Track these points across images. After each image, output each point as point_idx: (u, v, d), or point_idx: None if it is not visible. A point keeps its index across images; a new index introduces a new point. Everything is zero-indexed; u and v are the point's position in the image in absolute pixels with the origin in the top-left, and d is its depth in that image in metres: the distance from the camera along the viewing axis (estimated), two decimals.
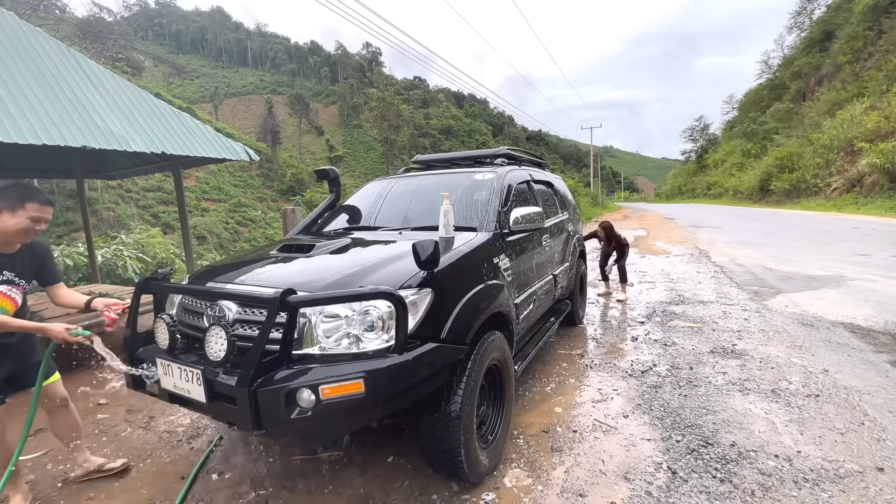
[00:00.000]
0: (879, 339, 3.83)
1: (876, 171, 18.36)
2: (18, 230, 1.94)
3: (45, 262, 2.20)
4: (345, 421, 1.72)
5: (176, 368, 1.75)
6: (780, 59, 49.74)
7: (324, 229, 3.25)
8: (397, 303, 1.64)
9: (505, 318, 2.44)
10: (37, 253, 2.16)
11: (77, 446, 2.34)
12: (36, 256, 2.15)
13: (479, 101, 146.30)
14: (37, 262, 2.15)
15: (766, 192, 30.17)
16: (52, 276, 2.23)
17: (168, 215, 28.93)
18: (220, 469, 2.40)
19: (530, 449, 2.46)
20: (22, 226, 1.94)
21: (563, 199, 4.58)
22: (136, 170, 6.87)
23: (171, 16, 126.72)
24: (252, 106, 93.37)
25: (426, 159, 4.11)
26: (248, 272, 2.21)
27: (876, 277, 5.96)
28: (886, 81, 24.49)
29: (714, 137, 64.16)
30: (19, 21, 4.75)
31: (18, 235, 1.97)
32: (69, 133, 4.10)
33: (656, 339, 4.18)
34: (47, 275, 2.21)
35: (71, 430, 2.30)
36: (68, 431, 2.30)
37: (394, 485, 2.18)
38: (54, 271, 2.26)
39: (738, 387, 3.09)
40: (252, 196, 43.66)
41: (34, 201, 1.96)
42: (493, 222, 2.70)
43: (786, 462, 2.21)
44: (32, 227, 1.97)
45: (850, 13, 34.10)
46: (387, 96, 65.82)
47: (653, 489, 2.06)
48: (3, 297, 1.98)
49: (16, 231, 1.94)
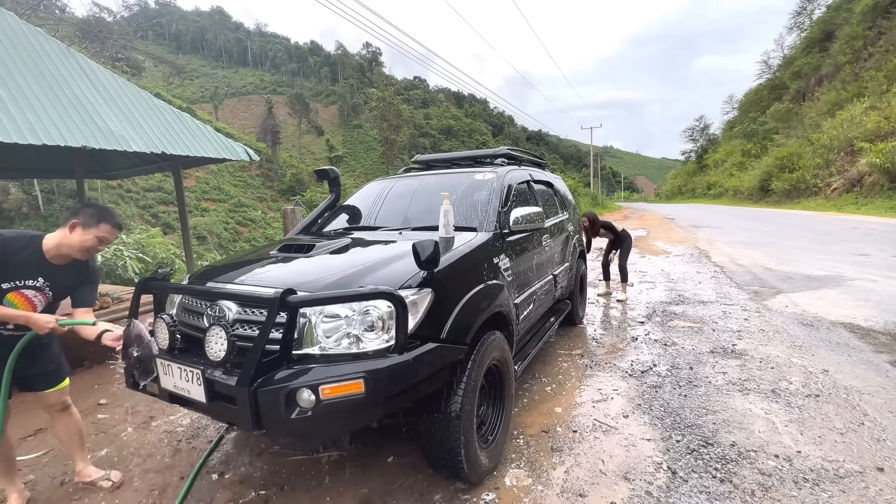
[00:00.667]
0: (879, 339, 3.83)
1: (876, 171, 18.36)
2: (83, 247, 1.99)
3: (85, 284, 2.17)
4: (345, 421, 1.72)
5: (176, 368, 1.75)
6: (780, 59, 49.81)
7: (324, 229, 3.25)
8: (397, 303, 1.64)
9: (505, 318, 2.44)
10: (84, 273, 2.15)
11: (76, 454, 2.32)
12: (81, 275, 2.14)
13: (479, 101, 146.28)
14: (78, 281, 2.14)
15: (766, 192, 30.17)
16: (84, 300, 2.18)
17: (168, 215, 28.91)
18: (220, 469, 2.40)
19: (530, 449, 2.46)
20: (88, 244, 1.99)
21: (563, 199, 4.58)
22: (136, 170, 6.87)
23: (171, 16, 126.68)
24: (252, 106, 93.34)
25: (426, 159, 4.11)
26: (248, 272, 2.21)
27: (876, 277, 5.96)
28: (886, 81, 24.50)
29: (714, 137, 64.17)
30: (19, 21, 4.75)
31: (80, 251, 2.00)
32: (69, 133, 4.10)
33: (656, 339, 4.18)
34: (80, 297, 2.16)
35: (73, 434, 2.29)
36: (69, 436, 2.28)
37: (394, 485, 2.18)
38: (89, 297, 2.21)
39: (738, 387, 3.09)
40: (252, 196, 43.64)
41: (108, 223, 2.04)
42: (493, 222, 2.70)
43: (786, 462, 2.21)
44: (96, 245, 2.02)
45: (850, 13, 34.10)
46: (387, 96, 65.80)
47: (653, 489, 2.06)
48: (24, 299, 1.99)
49: (80, 247, 1.99)
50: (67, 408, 2.25)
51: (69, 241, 1.97)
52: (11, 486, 2.16)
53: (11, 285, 1.94)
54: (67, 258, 2.04)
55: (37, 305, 2.03)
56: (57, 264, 2.03)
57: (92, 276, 2.21)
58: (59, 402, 2.21)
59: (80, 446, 2.32)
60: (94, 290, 2.25)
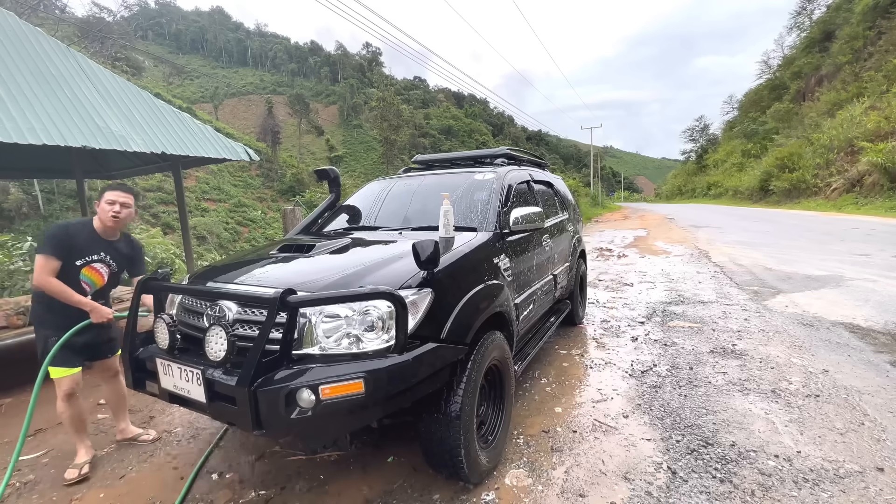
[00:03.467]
0: (879, 339, 3.83)
1: (876, 171, 18.35)
2: (103, 216, 2.40)
3: (136, 256, 2.66)
4: (345, 421, 1.72)
5: (176, 368, 1.75)
6: (780, 59, 49.75)
7: (324, 229, 3.25)
8: (397, 303, 1.63)
9: (505, 318, 2.44)
10: (134, 246, 2.65)
11: (120, 415, 2.76)
12: (133, 248, 2.63)
13: (479, 101, 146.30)
14: (131, 254, 2.62)
15: (766, 193, 30.16)
16: (137, 269, 2.67)
17: (168, 215, 28.89)
18: (220, 469, 2.40)
19: (530, 449, 2.45)
20: (103, 212, 2.39)
21: (563, 199, 4.58)
22: (136, 170, 6.87)
23: (171, 16, 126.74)
24: (252, 106, 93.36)
25: (426, 159, 4.11)
26: (248, 272, 2.20)
27: (876, 277, 5.95)
28: (886, 81, 24.49)
29: (714, 137, 64.19)
30: (19, 21, 4.75)
31: (105, 221, 2.40)
32: (69, 133, 4.10)
33: (656, 339, 4.18)
34: (135, 267, 2.66)
35: (119, 398, 2.73)
36: (116, 400, 2.73)
37: (394, 485, 2.18)
38: (141, 267, 2.69)
39: (738, 387, 3.09)
40: (252, 196, 43.62)
41: (109, 189, 2.42)
42: (493, 222, 2.70)
43: (786, 462, 2.21)
44: (107, 210, 2.38)
45: (850, 13, 34.11)
46: (387, 96, 65.84)
47: (653, 489, 2.06)
48: (94, 271, 2.44)
49: (102, 217, 2.40)
50: (117, 374, 2.65)
51: (98, 216, 2.42)
52: (80, 443, 2.50)
53: (83, 261, 2.38)
54: (111, 232, 2.47)
55: (104, 275, 2.48)
56: (109, 240, 2.48)
57: (140, 249, 2.70)
58: (115, 368, 2.65)
59: (124, 409, 2.77)
60: (143, 262, 2.73)
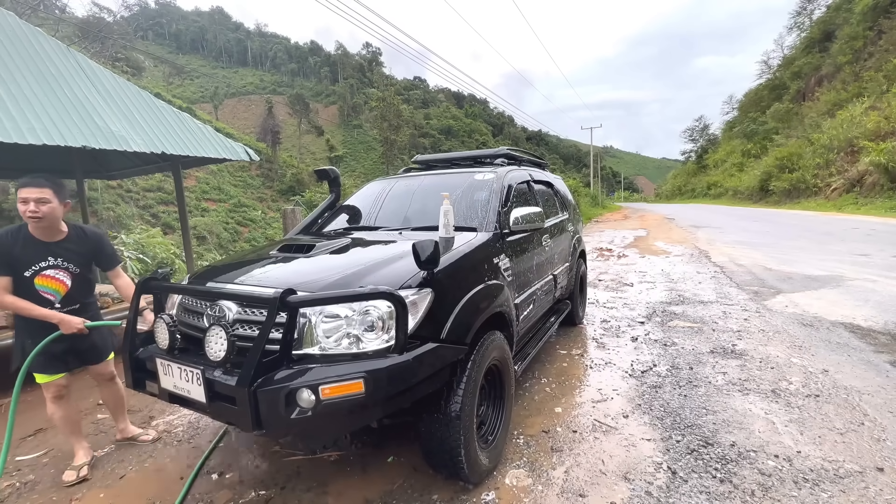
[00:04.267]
0: (879, 340, 3.83)
1: (876, 171, 18.34)
2: (23, 215, 2.15)
3: (97, 248, 2.42)
4: (345, 421, 1.72)
5: (176, 368, 1.75)
6: (780, 59, 49.76)
7: (324, 229, 3.25)
8: (397, 303, 1.63)
9: (505, 318, 2.44)
10: (89, 239, 2.39)
11: (119, 416, 2.73)
12: (87, 242, 2.38)
13: (479, 101, 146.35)
14: (89, 248, 2.38)
15: (766, 193, 30.16)
16: (107, 262, 2.47)
17: (168, 215, 28.88)
18: (220, 469, 2.40)
19: (530, 449, 2.46)
20: (22, 216, 2.14)
21: (564, 199, 4.58)
22: (136, 170, 6.86)
23: (171, 16, 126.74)
24: (252, 106, 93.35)
25: (426, 159, 4.11)
26: (248, 272, 2.20)
27: (876, 278, 5.95)
28: (886, 81, 24.48)
29: (714, 138, 64.17)
30: (19, 21, 4.75)
31: (28, 221, 2.16)
32: (69, 133, 4.10)
33: (656, 339, 4.18)
34: (102, 261, 2.45)
35: (117, 400, 2.69)
36: (114, 402, 2.69)
37: (394, 485, 2.18)
38: (110, 258, 2.48)
39: (738, 387, 3.09)
40: (252, 196, 43.62)
41: (19, 186, 2.16)
42: (493, 222, 2.70)
43: (786, 462, 2.21)
44: (23, 211, 2.14)
45: (850, 13, 34.10)
46: (387, 96, 65.86)
47: (653, 489, 2.06)
48: (50, 279, 2.23)
49: (24, 217, 2.16)
50: (113, 378, 2.63)
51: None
52: (77, 444, 2.48)
53: (32, 271, 2.19)
54: (47, 232, 2.22)
55: (63, 280, 2.27)
56: (52, 241, 2.24)
57: (99, 239, 2.44)
58: (108, 373, 2.59)
59: (123, 410, 2.73)
60: (111, 251, 2.50)
